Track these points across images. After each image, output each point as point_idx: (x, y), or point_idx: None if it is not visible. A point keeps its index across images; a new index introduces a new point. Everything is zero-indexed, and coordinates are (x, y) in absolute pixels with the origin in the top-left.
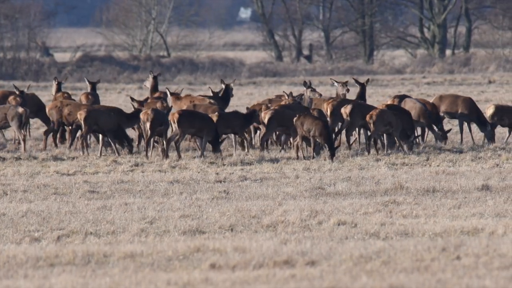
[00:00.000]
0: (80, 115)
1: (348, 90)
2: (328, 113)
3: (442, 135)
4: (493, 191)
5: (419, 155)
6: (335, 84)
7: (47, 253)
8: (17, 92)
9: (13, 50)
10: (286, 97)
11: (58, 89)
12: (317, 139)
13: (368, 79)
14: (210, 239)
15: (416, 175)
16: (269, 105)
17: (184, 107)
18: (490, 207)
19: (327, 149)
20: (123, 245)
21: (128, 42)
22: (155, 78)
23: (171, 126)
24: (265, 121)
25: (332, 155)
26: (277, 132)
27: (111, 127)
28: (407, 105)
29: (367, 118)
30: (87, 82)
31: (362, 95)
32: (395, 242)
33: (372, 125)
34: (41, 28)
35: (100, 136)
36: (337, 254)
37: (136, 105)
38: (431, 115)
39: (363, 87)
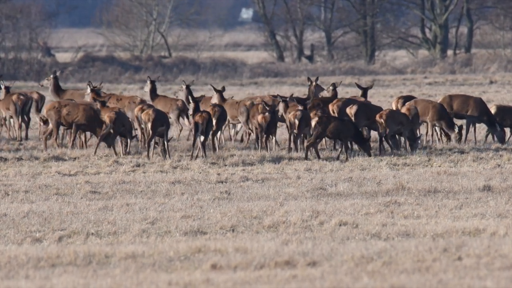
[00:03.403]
0: (109, 118)
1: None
2: (336, 114)
3: (460, 136)
4: (495, 192)
5: (421, 155)
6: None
7: (48, 254)
8: (3, 87)
9: (14, 51)
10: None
11: (7, 93)
12: (348, 140)
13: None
14: (211, 240)
15: (417, 176)
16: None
17: (111, 105)
18: (491, 208)
19: (360, 146)
20: (125, 245)
21: (129, 42)
22: (55, 78)
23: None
24: (295, 122)
25: (369, 151)
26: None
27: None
28: (420, 104)
29: (377, 117)
30: (1, 85)
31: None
32: (396, 242)
33: (384, 125)
34: (42, 28)
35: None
36: (338, 255)
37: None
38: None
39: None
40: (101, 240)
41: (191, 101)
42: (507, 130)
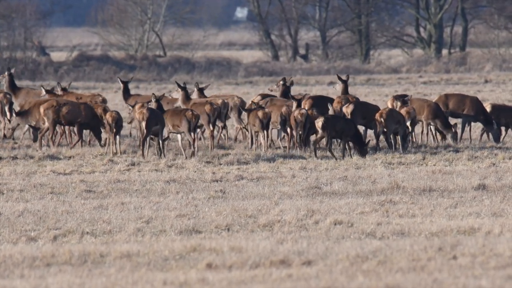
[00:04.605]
0: (112, 118)
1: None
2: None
3: (455, 135)
4: (490, 191)
5: (416, 154)
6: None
7: (43, 253)
8: None
9: (9, 50)
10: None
11: None
12: (348, 140)
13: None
14: (206, 239)
15: (412, 175)
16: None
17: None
18: (486, 207)
19: (357, 147)
20: (120, 244)
21: (124, 41)
22: (10, 75)
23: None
24: (302, 120)
25: (365, 155)
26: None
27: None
28: (415, 103)
29: (377, 116)
30: None
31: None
32: (391, 241)
33: (384, 124)
34: (37, 27)
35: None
36: (334, 254)
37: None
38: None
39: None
40: (96, 239)
41: (152, 100)
42: (503, 129)
